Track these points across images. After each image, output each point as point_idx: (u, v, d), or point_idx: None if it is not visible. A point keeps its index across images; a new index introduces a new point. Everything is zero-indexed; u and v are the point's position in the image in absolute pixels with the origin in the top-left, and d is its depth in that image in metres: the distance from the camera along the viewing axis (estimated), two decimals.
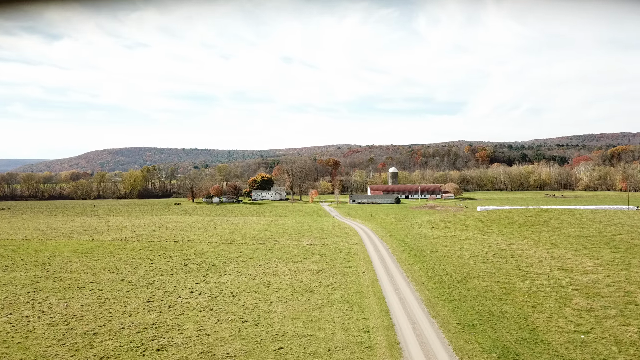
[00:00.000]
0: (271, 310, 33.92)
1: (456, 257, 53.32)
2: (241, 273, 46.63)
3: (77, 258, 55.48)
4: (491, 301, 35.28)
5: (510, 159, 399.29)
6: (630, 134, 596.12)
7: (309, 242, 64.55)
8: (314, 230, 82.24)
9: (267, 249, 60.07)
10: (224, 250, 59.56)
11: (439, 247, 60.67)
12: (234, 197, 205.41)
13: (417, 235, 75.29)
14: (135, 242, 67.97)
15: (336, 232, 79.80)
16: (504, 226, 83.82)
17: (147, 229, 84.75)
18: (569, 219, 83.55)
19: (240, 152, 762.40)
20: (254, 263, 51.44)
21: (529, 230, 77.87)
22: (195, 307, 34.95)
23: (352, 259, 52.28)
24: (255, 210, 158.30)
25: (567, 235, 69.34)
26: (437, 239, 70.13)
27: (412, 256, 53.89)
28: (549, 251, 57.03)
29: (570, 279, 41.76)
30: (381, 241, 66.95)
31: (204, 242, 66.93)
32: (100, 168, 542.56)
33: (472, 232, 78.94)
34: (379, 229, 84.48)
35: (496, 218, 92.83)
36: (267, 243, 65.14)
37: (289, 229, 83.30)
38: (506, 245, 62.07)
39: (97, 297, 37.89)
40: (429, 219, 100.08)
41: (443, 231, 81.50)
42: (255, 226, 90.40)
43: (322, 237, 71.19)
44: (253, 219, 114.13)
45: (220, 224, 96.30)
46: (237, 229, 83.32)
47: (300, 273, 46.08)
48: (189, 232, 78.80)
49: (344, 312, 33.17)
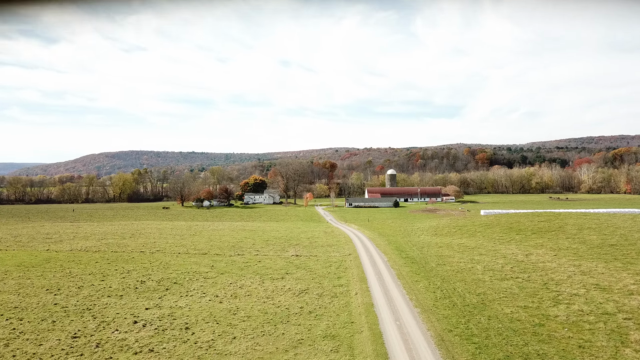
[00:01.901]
0: (230, 351, 25.36)
1: (467, 272, 44.80)
2: (206, 294, 38.00)
3: (17, 273, 46.74)
4: (522, 337, 26.76)
5: (510, 161, 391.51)
6: (628, 137, 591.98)
7: (295, 252, 55.90)
8: (303, 237, 73.55)
9: (245, 261, 51.41)
10: (194, 263, 50.89)
11: (446, 259, 52.14)
12: (225, 201, 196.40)
13: (420, 243, 66.75)
14: (96, 252, 59.20)
15: (328, 239, 71.15)
16: (515, 232, 75.38)
17: (118, 237, 75.95)
18: (587, 224, 75.20)
19: (238, 155, 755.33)
20: (225, 280, 42.79)
21: (544, 237, 69.46)
22: (131, 346, 26.33)
23: (343, 275, 43.69)
24: (246, 214, 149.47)
25: (590, 244, 60.96)
26: (443, 247, 61.61)
27: (415, 271, 45.33)
28: (575, 263, 48.58)
29: (614, 302, 33.27)
30: (378, 251, 58.38)
31: (174, 252, 58.22)
32: (97, 172, 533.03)
33: (481, 240, 70.46)
34: (376, 236, 75.89)
35: (505, 223, 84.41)
36: (246, 254, 56.47)
37: (275, 237, 74.59)
38: (523, 256, 53.58)
39: (10, 331, 29.21)
40: (431, 224, 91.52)
41: (448, 238, 72.97)
42: (238, 233, 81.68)
43: (311, 247, 62.55)
44: (239, 224, 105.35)
45: (200, 230, 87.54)
46: (216, 237, 74.58)
47: (279, 294, 37.48)
48: (161, 241, 70.04)
49: (327, 354, 24.63)
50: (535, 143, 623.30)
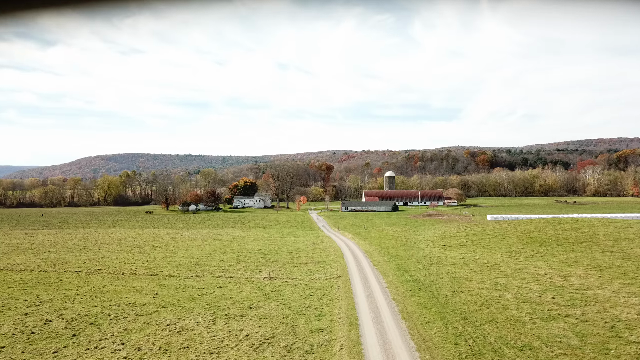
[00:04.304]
0: None
1: (495, 305, 32.96)
2: (125, 345, 26.03)
3: None
4: None
5: (511, 163, 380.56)
6: (627, 139, 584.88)
7: (269, 274, 43.86)
8: (285, 251, 61.51)
9: (202, 287, 39.43)
10: (134, 289, 38.88)
11: (462, 283, 40.31)
12: (213, 205, 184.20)
13: (426, 259, 54.89)
14: (21, 272, 47.06)
15: (314, 254, 59.16)
16: (538, 244, 63.68)
17: (66, 249, 63.79)
18: (623, 234, 63.52)
19: (235, 158, 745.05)
20: (162, 319, 30.81)
21: (575, 251, 57.77)
22: None
23: (327, 311, 31.77)
24: (232, 220, 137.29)
25: (637, 260, 49.33)
26: (455, 265, 49.77)
27: (424, 303, 33.46)
28: (634, 291, 36.82)
29: None
30: (375, 271, 46.49)
31: (118, 272, 46.15)
32: (93, 174, 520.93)
33: (499, 254, 58.67)
34: (373, 249, 63.96)
35: (523, 232, 72.71)
36: (207, 275, 44.45)
37: (251, 250, 62.50)
38: (561, 278, 41.78)
39: None
40: (436, 233, 79.69)
41: (459, 251, 61.14)
42: (210, 244, 69.58)
43: (291, 264, 50.55)
44: (218, 232, 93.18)
45: (168, 240, 75.39)
46: (181, 250, 62.46)
47: (230, 346, 25.57)
48: (111, 255, 57.89)
49: None
50: (534, 145, 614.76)
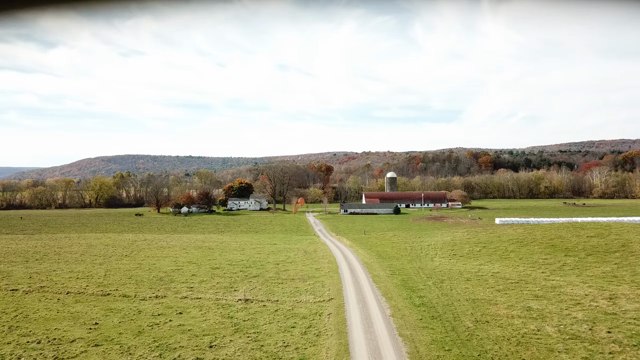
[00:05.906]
0: None
1: (534, 343, 24.66)
2: None
3: None
4: None
5: (514, 164, 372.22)
6: (629, 141, 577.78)
7: (244, 294, 35.52)
8: (270, 262, 53.16)
9: (156, 313, 31.17)
10: (70, 316, 30.65)
11: (486, 307, 32.03)
12: (206, 207, 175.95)
13: (436, 272, 46.59)
14: None
15: (305, 267, 50.83)
16: (563, 253, 55.41)
17: (20, 259, 55.51)
18: None
19: (235, 160, 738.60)
20: None
21: (609, 262, 49.49)
22: None
23: (310, 355, 23.46)
24: (223, 223, 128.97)
25: None
26: (472, 281, 41.49)
27: (442, 340, 25.19)
28: None
29: None
30: (377, 291, 38.20)
31: (62, 291, 37.91)
32: (92, 176, 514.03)
33: (520, 265, 50.35)
34: (374, 260, 55.61)
35: (542, 238, 64.47)
36: (169, 296, 36.19)
37: (231, 261, 54.08)
38: (608, 302, 33.44)
39: None
40: (444, 240, 71.34)
41: (474, 263, 52.79)
42: (188, 253, 61.27)
43: (275, 281, 42.24)
44: (202, 238, 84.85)
45: (143, 248, 67.05)
46: (151, 261, 54.06)
47: None
48: (67, 267, 49.55)
49: None
50: (536, 147, 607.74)
